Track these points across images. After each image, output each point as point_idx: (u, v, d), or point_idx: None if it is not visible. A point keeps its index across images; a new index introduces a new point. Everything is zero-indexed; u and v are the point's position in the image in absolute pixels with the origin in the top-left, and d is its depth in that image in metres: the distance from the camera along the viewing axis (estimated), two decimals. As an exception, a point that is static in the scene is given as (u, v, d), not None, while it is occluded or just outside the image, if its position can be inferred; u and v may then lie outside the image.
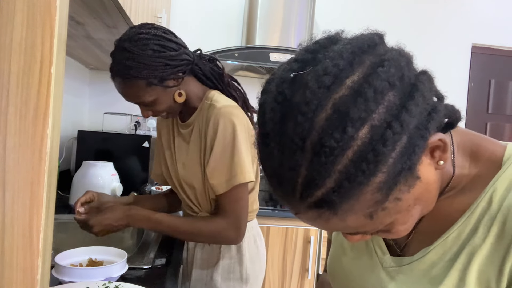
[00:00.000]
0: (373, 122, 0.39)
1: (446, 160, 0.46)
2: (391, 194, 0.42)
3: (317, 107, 0.40)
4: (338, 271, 0.64)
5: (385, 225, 0.46)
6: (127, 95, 1.09)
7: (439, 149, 0.45)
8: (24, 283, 0.39)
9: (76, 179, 1.68)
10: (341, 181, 0.39)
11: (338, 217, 0.42)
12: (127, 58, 1.03)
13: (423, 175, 0.44)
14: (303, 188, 0.41)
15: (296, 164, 0.41)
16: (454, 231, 0.50)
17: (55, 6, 0.38)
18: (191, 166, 1.15)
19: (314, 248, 2.10)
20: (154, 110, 1.09)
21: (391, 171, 0.40)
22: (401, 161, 0.40)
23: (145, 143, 2.02)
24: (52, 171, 0.40)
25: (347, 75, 0.41)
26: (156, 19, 1.83)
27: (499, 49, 2.82)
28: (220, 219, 1.09)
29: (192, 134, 1.15)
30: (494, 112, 2.85)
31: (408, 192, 0.43)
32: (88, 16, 1.26)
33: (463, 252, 0.48)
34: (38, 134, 0.38)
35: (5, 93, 0.38)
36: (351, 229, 0.46)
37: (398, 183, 0.41)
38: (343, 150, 0.39)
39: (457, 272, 0.48)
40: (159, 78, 1.03)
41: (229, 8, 2.57)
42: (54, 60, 0.38)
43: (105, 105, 2.59)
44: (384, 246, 0.58)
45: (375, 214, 0.43)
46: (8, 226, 0.38)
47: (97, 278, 0.90)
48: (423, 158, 0.44)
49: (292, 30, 2.33)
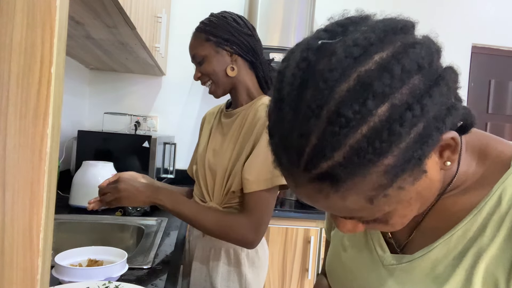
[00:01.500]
0: (394, 100, 0.38)
1: (454, 162, 0.45)
2: (396, 181, 0.41)
3: (341, 76, 0.39)
4: (337, 268, 0.63)
5: (383, 213, 0.45)
6: (190, 45, 1.18)
7: (449, 149, 0.44)
8: (24, 283, 0.39)
9: (76, 179, 1.68)
10: (350, 156, 0.38)
11: (339, 195, 0.41)
12: (207, 18, 1.18)
13: (429, 170, 0.43)
14: (310, 157, 0.39)
15: (308, 131, 0.39)
16: (459, 230, 0.49)
17: (55, 6, 0.38)
18: (221, 154, 1.16)
19: (314, 248, 2.10)
20: (202, 70, 1.16)
21: (401, 156, 0.39)
22: (413, 149, 0.39)
23: (145, 143, 2.02)
24: (52, 171, 0.40)
25: (376, 51, 0.40)
26: (156, 19, 1.83)
27: (499, 49, 2.82)
28: (243, 216, 1.08)
29: (233, 126, 1.18)
30: (494, 112, 2.85)
31: (412, 184, 0.42)
32: (88, 16, 1.26)
33: (470, 251, 0.47)
34: (38, 134, 0.38)
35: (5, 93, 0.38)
36: (347, 212, 0.44)
37: (405, 171, 0.40)
38: (358, 124, 0.38)
39: (464, 272, 0.47)
40: (217, 39, 1.13)
41: (229, 8, 2.55)
42: (54, 60, 0.38)
43: (105, 105, 2.59)
44: (384, 244, 0.57)
45: (376, 199, 0.41)
46: (8, 226, 0.38)
47: (97, 278, 0.90)
48: (432, 154, 0.43)
49: (292, 30, 2.33)
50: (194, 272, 1.19)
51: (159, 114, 2.65)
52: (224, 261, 1.15)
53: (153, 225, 1.47)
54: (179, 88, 2.66)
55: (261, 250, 1.20)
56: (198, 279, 1.18)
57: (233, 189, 1.11)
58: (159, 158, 2.13)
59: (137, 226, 1.46)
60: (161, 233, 1.37)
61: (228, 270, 1.15)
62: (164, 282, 0.98)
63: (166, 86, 2.65)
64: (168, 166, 2.40)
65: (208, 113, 1.36)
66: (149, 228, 1.42)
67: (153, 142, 2.02)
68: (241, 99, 1.19)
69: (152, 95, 2.64)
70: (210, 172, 1.17)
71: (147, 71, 2.46)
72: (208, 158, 1.19)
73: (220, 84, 1.16)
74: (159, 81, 2.65)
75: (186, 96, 2.67)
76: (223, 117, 1.24)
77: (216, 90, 1.17)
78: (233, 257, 1.15)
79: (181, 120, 2.66)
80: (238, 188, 1.11)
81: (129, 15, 1.24)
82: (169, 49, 2.60)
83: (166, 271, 1.06)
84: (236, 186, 1.11)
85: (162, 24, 1.95)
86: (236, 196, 1.13)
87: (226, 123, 1.21)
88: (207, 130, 1.29)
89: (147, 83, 2.64)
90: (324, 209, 0.46)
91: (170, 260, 1.14)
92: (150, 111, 2.64)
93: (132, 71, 2.52)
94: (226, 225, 1.07)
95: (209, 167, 1.18)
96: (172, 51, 2.60)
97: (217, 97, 1.19)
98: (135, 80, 2.62)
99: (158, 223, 1.50)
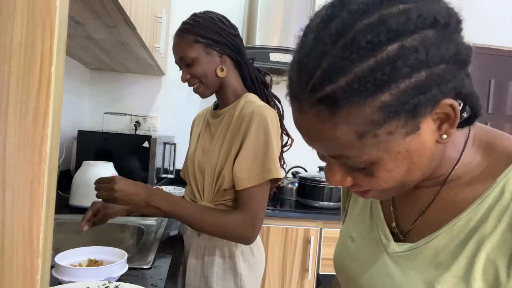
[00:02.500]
0: (405, 42, 0.42)
1: (450, 136, 0.47)
2: (388, 122, 0.43)
3: (365, 12, 0.43)
4: (344, 259, 0.65)
5: (369, 160, 0.46)
6: (176, 47, 1.17)
7: (448, 122, 0.46)
8: (24, 283, 0.39)
9: (76, 179, 1.68)
10: (352, 83, 0.42)
11: (333, 122, 0.43)
12: (191, 18, 1.16)
13: (423, 133, 0.45)
14: (318, 80, 0.43)
15: (322, 55, 0.43)
16: (461, 219, 0.50)
17: (55, 6, 0.38)
18: (210, 153, 1.17)
19: (314, 248, 2.10)
20: (192, 72, 1.15)
21: (398, 96, 0.42)
22: (411, 94, 0.42)
23: (145, 143, 2.02)
24: (52, 171, 0.40)
25: (402, 1, 0.43)
26: (156, 19, 1.83)
27: (499, 49, 2.82)
28: (237, 213, 1.09)
29: (220, 125, 1.19)
30: (494, 112, 2.85)
31: (403, 137, 0.45)
32: (88, 16, 1.26)
33: (472, 239, 0.48)
34: (38, 134, 0.38)
35: (5, 93, 0.38)
36: (336, 148, 0.46)
37: (399, 115, 0.43)
38: (368, 55, 0.41)
39: (465, 259, 0.48)
40: (207, 41, 1.13)
41: (229, 8, 2.56)
42: (54, 60, 0.38)
43: (105, 105, 2.59)
44: (388, 233, 0.59)
45: (365, 136, 0.44)
46: (8, 226, 0.38)
47: (97, 278, 0.90)
48: (429, 118, 0.45)
49: (292, 30, 2.33)
50: (189, 271, 1.20)
51: (159, 114, 2.65)
52: (219, 260, 1.15)
53: (153, 225, 1.47)
54: (179, 88, 2.66)
55: (255, 248, 1.21)
56: (193, 279, 1.18)
57: (224, 187, 1.13)
58: (159, 158, 2.13)
59: (137, 226, 1.46)
60: (161, 233, 1.37)
61: (223, 269, 1.15)
62: (164, 282, 0.98)
63: (166, 86, 2.65)
64: (168, 166, 2.40)
65: (198, 115, 1.39)
66: (149, 228, 1.42)
67: (153, 142, 2.02)
68: (227, 99, 1.21)
69: (152, 95, 2.64)
70: (199, 171, 1.19)
71: (147, 71, 2.46)
72: (197, 158, 1.21)
73: (210, 85, 1.17)
74: (159, 81, 2.65)
75: (186, 96, 2.67)
76: (211, 118, 1.26)
77: (204, 91, 1.18)
78: (227, 256, 1.16)
79: (181, 120, 2.66)
80: (229, 185, 1.12)
81: (129, 15, 1.24)
82: (169, 49, 2.60)
83: (166, 271, 1.06)
84: (227, 184, 1.12)
85: (162, 24, 1.95)
86: (228, 193, 1.14)
87: (213, 123, 1.23)
88: (196, 132, 1.31)
89: (147, 83, 2.64)
90: (316, 145, 0.48)
91: (170, 260, 1.14)
92: (150, 111, 2.64)
93: (132, 71, 2.52)
94: (223, 224, 1.08)
95: (199, 166, 1.19)
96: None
97: (205, 97, 1.20)
98: (135, 80, 2.62)
99: (158, 223, 1.50)
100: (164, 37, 2.08)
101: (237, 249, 1.16)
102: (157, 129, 2.64)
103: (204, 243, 1.18)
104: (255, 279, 1.20)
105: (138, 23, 1.40)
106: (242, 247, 1.17)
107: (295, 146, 1.31)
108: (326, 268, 2.13)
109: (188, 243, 1.24)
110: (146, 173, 2.03)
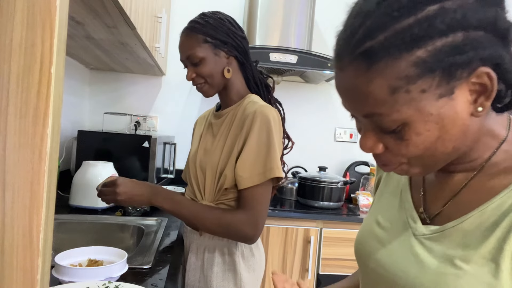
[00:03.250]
0: (445, 4, 0.44)
1: (485, 109, 0.47)
2: (422, 79, 0.44)
3: None
4: (368, 241, 0.65)
5: (400, 119, 0.47)
6: (184, 45, 1.16)
7: (484, 95, 0.46)
8: (24, 283, 0.39)
9: (76, 179, 1.68)
10: (390, 38, 0.44)
11: (368, 75, 0.45)
12: (200, 18, 1.16)
13: (457, 99, 0.46)
14: (360, 36, 0.46)
15: (367, 14, 0.46)
16: (494, 203, 0.49)
17: (55, 6, 0.38)
18: (211, 152, 1.18)
19: (314, 248, 2.10)
20: (198, 71, 1.15)
21: (433, 54, 0.44)
22: (447, 53, 0.44)
23: (145, 143, 2.02)
24: (52, 171, 0.40)
25: None
26: (156, 19, 1.83)
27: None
28: (240, 212, 1.09)
29: (222, 125, 1.20)
30: (494, 112, 2.84)
31: (436, 99, 0.45)
32: (88, 16, 1.26)
33: (503, 223, 0.48)
34: (38, 134, 0.38)
35: (5, 93, 0.38)
36: (370, 103, 0.47)
37: (433, 73, 0.44)
38: (408, 13, 0.44)
39: (495, 241, 0.47)
40: (216, 41, 1.14)
41: (229, 8, 2.57)
42: (54, 60, 0.38)
43: (105, 105, 2.59)
44: (416, 216, 0.59)
45: (398, 92, 0.45)
46: (8, 226, 0.38)
47: (97, 278, 0.90)
48: (465, 86, 0.46)
49: (292, 30, 2.33)
50: (189, 271, 1.20)
51: (159, 114, 2.65)
52: (219, 260, 1.15)
53: (153, 225, 1.47)
54: (179, 88, 2.66)
55: (255, 249, 1.21)
56: (193, 279, 1.18)
57: (226, 186, 1.13)
58: (159, 158, 2.13)
59: (137, 226, 1.46)
60: (161, 233, 1.37)
61: (223, 269, 1.15)
62: (164, 282, 0.98)
63: (166, 86, 2.65)
64: (168, 166, 2.40)
65: (200, 117, 1.40)
66: (149, 228, 1.42)
67: (153, 142, 2.02)
68: (231, 99, 1.22)
69: (152, 95, 2.64)
70: (201, 170, 1.19)
71: (147, 71, 2.46)
72: (199, 157, 1.21)
73: (215, 85, 1.18)
74: (159, 81, 2.65)
75: (186, 96, 2.67)
76: (213, 118, 1.26)
77: (208, 90, 1.19)
78: (227, 257, 1.16)
79: (181, 120, 2.66)
80: (231, 184, 1.13)
81: (129, 15, 1.24)
82: (169, 49, 2.60)
83: (166, 271, 1.06)
84: (229, 183, 1.13)
85: (162, 24, 1.95)
86: (229, 192, 1.15)
87: (216, 123, 1.24)
88: (198, 134, 1.32)
89: (147, 83, 2.64)
90: (352, 105, 0.50)
91: (170, 260, 1.14)
92: (150, 111, 2.64)
93: (132, 71, 2.52)
94: (225, 223, 1.08)
95: (200, 165, 1.20)
96: (172, 51, 2.60)
97: (208, 97, 1.21)
98: (135, 80, 2.62)
99: (158, 223, 1.50)
100: (164, 37, 2.08)
101: (237, 249, 1.16)
102: (157, 129, 2.64)
103: (204, 243, 1.18)
104: (255, 280, 1.20)
105: (138, 23, 1.40)
106: (242, 248, 1.17)
107: (295, 146, 1.31)
108: (326, 268, 2.13)
109: (188, 243, 1.24)
110: (146, 173, 2.03)
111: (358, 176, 2.66)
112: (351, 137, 2.80)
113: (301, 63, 2.17)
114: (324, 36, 2.71)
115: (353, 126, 2.77)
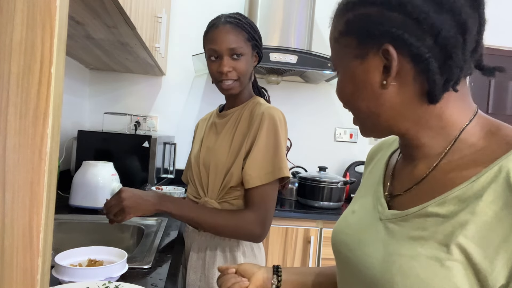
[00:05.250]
0: None
1: (388, 85, 0.54)
2: (347, 36, 0.57)
3: None
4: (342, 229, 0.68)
5: (336, 63, 0.61)
6: (230, 36, 1.15)
7: (389, 70, 0.54)
8: (24, 283, 0.39)
9: (76, 179, 1.68)
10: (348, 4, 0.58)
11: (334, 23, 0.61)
12: (241, 16, 1.20)
13: (368, 64, 0.55)
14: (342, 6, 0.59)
15: None
16: (455, 192, 0.52)
17: (55, 6, 0.38)
18: (215, 150, 1.19)
19: (314, 248, 2.10)
20: (236, 66, 1.16)
21: (356, 19, 0.56)
22: (364, 22, 0.55)
23: (145, 143, 2.02)
24: (52, 171, 0.40)
25: None
26: (156, 19, 1.83)
27: (499, 49, 2.82)
28: (248, 212, 1.10)
29: (227, 124, 1.22)
30: (494, 112, 2.85)
31: (352, 58, 0.57)
32: (88, 16, 1.26)
33: (462, 212, 0.49)
34: (38, 134, 0.38)
35: (5, 93, 0.38)
36: (331, 44, 0.62)
37: (353, 34, 0.56)
38: None
39: (450, 227, 0.49)
40: (255, 43, 1.20)
41: (229, 8, 2.56)
42: (54, 60, 0.38)
43: (105, 105, 2.59)
44: (384, 201, 0.62)
45: (336, 41, 0.60)
46: (8, 226, 0.38)
47: (97, 278, 0.90)
48: (377, 56, 0.54)
49: (292, 30, 2.33)
50: (190, 271, 1.20)
51: (159, 114, 2.65)
52: (220, 259, 1.16)
53: (153, 225, 1.47)
54: (179, 88, 2.66)
55: (256, 248, 1.21)
56: (194, 278, 1.18)
57: (232, 184, 1.14)
58: (159, 158, 2.13)
59: (137, 226, 1.46)
60: (161, 233, 1.37)
61: None
62: (164, 282, 0.98)
63: (166, 86, 2.65)
64: (168, 166, 2.40)
65: (201, 120, 1.41)
66: (149, 228, 1.42)
67: (153, 142, 2.02)
68: (240, 100, 1.24)
69: (152, 95, 2.65)
70: (204, 168, 1.20)
71: (147, 71, 2.46)
72: (202, 156, 1.23)
73: (244, 83, 1.20)
74: (159, 81, 2.65)
75: (186, 96, 2.67)
76: (217, 118, 1.28)
77: (237, 87, 1.20)
78: (229, 256, 1.16)
79: (181, 120, 2.66)
80: (237, 183, 1.14)
81: (129, 15, 1.24)
82: (169, 49, 2.60)
83: (166, 271, 1.06)
84: (235, 181, 1.13)
85: (162, 24, 1.95)
86: (234, 191, 1.15)
87: (220, 123, 1.25)
88: (199, 136, 1.33)
89: (147, 83, 2.64)
90: None
91: (170, 260, 1.14)
92: (150, 111, 2.64)
93: (132, 71, 2.52)
94: (234, 223, 1.09)
95: (203, 163, 1.21)
96: (172, 51, 2.60)
97: (232, 94, 1.21)
98: (135, 80, 2.62)
99: (158, 223, 1.50)
100: (164, 37, 2.08)
101: (238, 248, 1.16)
102: (157, 129, 2.64)
103: (205, 242, 1.18)
104: None
105: (138, 23, 1.40)
106: (243, 247, 1.17)
107: (295, 146, 1.32)
108: (326, 268, 2.12)
109: (189, 242, 1.25)
110: (146, 173, 2.03)
111: (358, 176, 2.66)
112: (351, 137, 2.80)
113: (301, 63, 2.17)
114: (324, 36, 2.71)
115: (353, 126, 2.77)
